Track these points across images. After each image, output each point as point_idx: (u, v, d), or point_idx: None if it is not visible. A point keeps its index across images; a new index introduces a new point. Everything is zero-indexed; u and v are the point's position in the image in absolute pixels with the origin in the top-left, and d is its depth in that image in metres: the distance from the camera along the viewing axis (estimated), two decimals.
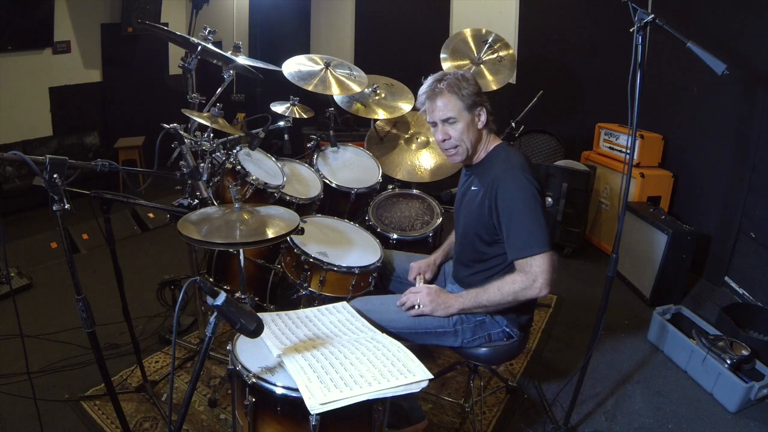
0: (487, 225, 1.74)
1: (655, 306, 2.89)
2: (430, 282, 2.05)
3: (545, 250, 1.61)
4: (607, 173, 3.89)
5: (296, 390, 1.24)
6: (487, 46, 3.50)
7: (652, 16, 1.67)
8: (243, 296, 2.15)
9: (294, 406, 1.27)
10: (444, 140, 1.78)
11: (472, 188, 1.83)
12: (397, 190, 3.07)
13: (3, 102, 4.28)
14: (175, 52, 5.44)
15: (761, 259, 3.07)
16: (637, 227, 3.35)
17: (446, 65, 3.44)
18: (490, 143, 1.83)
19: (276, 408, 1.33)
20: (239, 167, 2.46)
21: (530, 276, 1.63)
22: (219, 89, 2.46)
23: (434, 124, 1.79)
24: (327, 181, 2.90)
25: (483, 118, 1.77)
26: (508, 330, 1.82)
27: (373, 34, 5.69)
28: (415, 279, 2.06)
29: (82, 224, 3.66)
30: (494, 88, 3.37)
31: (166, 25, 5.11)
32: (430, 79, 1.78)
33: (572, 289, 3.38)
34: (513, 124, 3.12)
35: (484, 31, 3.58)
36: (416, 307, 1.77)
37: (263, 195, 2.52)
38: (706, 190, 3.58)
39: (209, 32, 2.44)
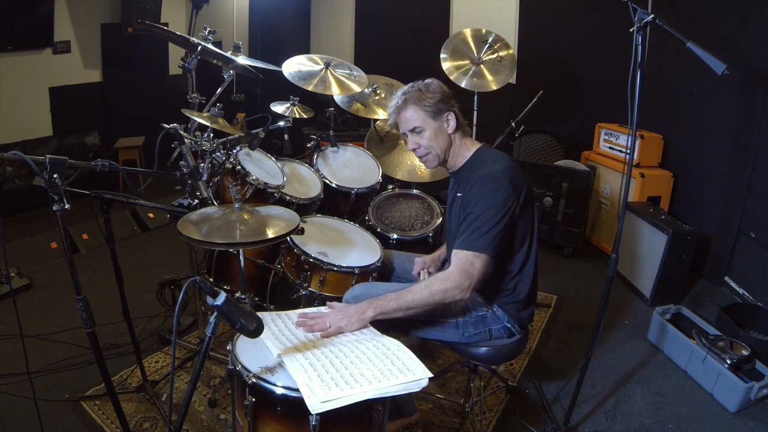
0: None
1: (655, 306, 2.89)
2: None
3: (489, 253, 1.63)
4: (607, 173, 3.89)
5: (296, 390, 1.24)
6: (487, 46, 3.50)
7: (652, 16, 1.67)
8: (243, 296, 2.15)
9: (294, 406, 1.27)
10: (415, 149, 1.83)
11: (458, 194, 1.84)
12: (397, 190, 3.07)
13: (3, 102, 4.27)
14: (175, 52, 5.43)
15: (761, 259, 3.07)
16: (637, 227, 3.35)
17: (446, 65, 3.43)
18: (468, 147, 1.83)
19: (276, 408, 1.33)
20: (239, 167, 2.46)
21: (467, 275, 1.61)
22: (219, 89, 2.46)
23: (406, 135, 1.86)
24: (327, 181, 2.90)
25: (452, 123, 1.78)
26: (509, 326, 1.82)
27: (373, 34, 5.69)
28: (419, 274, 2.06)
29: (82, 224, 3.66)
30: (494, 88, 3.37)
31: (166, 25, 5.11)
32: (395, 96, 1.82)
33: (572, 289, 3.38)
34: (513, 124, 3.12)
35: (484, 31, 3.58)
36: (329, 326, 1.55)
37: (263, 195, 2.52)
38: (706, 190, 3.58)
39: (209, 32, 2.44)
